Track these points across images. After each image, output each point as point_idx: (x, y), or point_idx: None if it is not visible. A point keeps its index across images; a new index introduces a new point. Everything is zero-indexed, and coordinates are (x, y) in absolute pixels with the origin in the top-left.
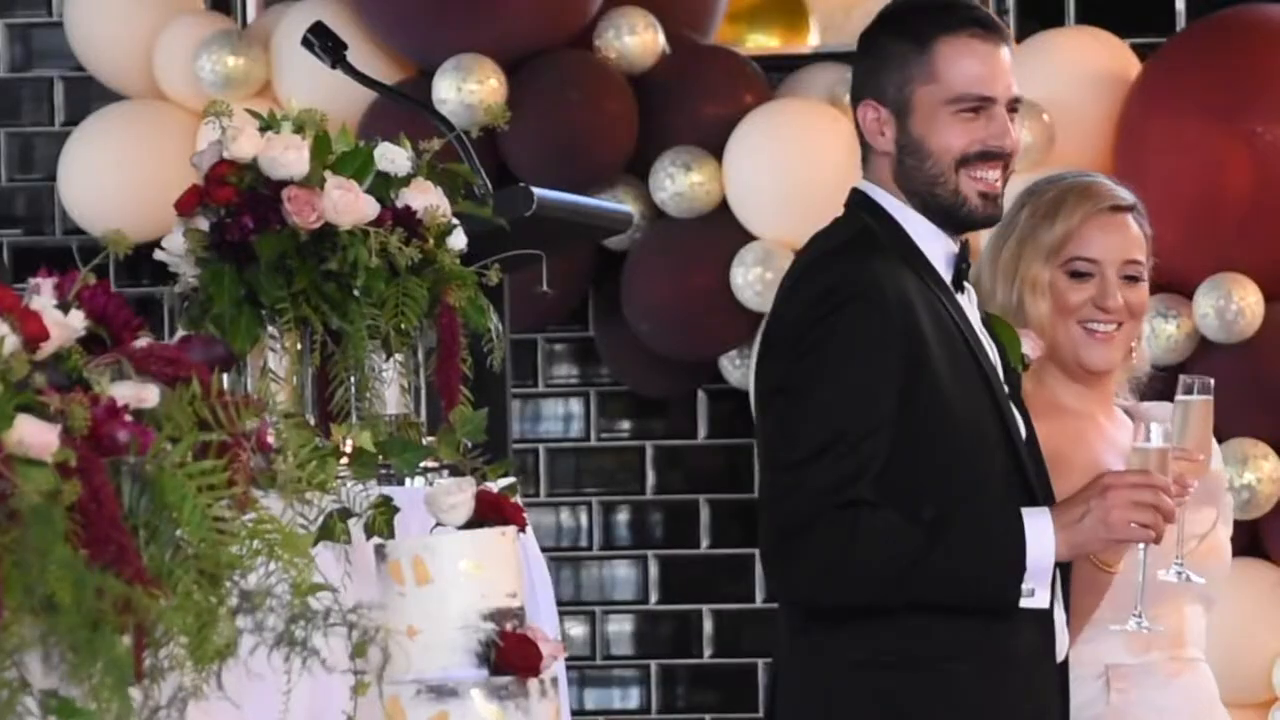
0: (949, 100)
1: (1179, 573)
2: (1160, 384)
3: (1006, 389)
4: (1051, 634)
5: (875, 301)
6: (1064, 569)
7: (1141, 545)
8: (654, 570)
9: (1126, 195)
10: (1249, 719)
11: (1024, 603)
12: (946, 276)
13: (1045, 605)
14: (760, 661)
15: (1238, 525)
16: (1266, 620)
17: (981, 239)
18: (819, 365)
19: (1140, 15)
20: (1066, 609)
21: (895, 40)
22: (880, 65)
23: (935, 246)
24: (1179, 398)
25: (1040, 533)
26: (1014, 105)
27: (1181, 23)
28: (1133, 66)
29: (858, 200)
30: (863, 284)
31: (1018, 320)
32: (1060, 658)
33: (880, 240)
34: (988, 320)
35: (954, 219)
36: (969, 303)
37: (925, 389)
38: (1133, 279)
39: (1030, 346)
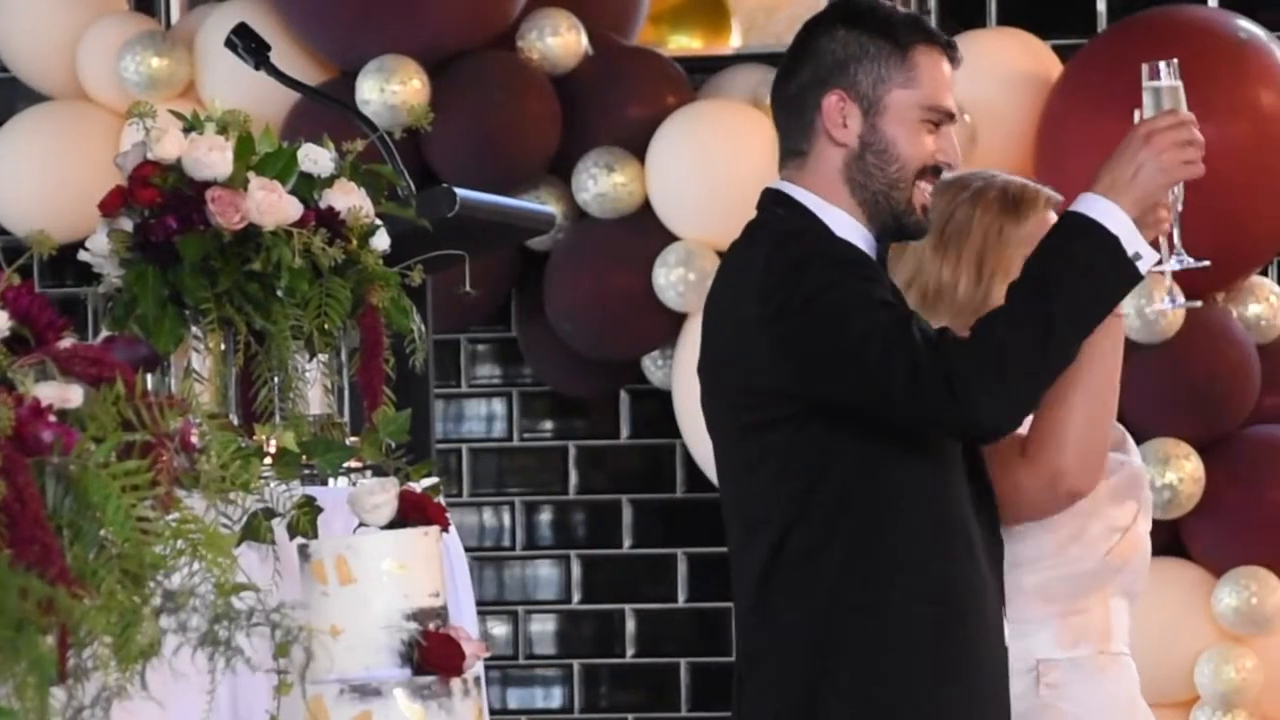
0: (923, 108)
1: (1179, 260)
2: None
3: None
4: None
5: (844, 254)
6: (999, 541)
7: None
8: (576, 570)
9: (1055, 193)
10: (1171, 718)
11: (1143, 266)
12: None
13: (1157, 258)
14: (682, 661)
15: (1159, 524)
16: (1188, 620)
17: None
18: (829, 301)
19: (1061, 16)
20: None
21: (872, 37)
22: (852, 58)
23: (857, 239)
24: (1146, 84)
25: (1102, 209)
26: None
27: (1103, 24)
28: (1054, 67)
29: (773, 199)
30: (824, 246)
31: (983, 308)
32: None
33: (808, 228)
34: None
35: (898, 225)
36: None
37: None
38: None
39: None
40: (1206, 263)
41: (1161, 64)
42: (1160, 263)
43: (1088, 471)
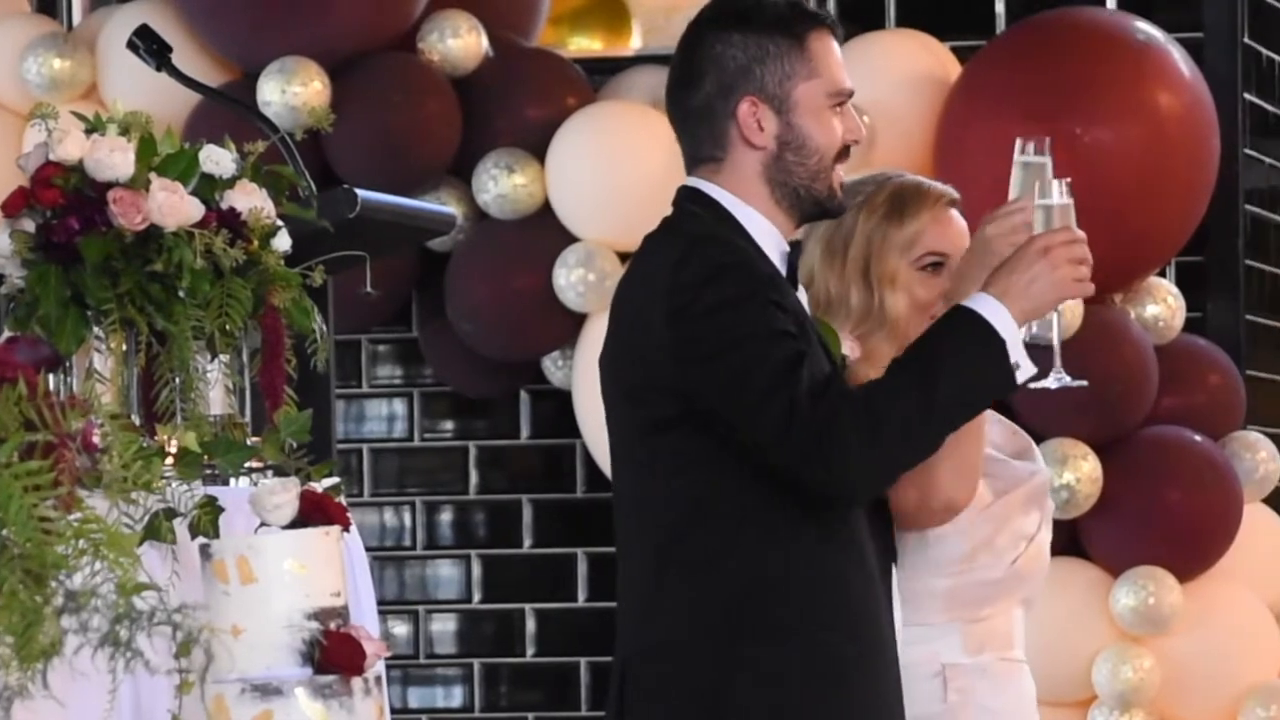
0: (829, 94)
1: (1058, 379)
2: None
3: None
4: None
5: (756, 270)
6: (892, 555)
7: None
8: (477, 570)
9: (952, 190)
10: (1069, 717)
11: (1020, 376)
12: (782, 272)
13: (1035, 371)
14: (582, 660)
15: (1057, 524)
16: (1085, 619)
17: None
18: (729, 320)
19: (960, 18)
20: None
21: (769, 35)
22: (755, 61)
23: (770, 244)
24: (1018, 158)
25: (993, 310)
26: None
27: (1001, 25)
28: (953, 69)
29: (690, 196)
30: (739, 257)
31: (879, 319)
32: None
33: (723, 233)
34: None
35: (821, 211)
36: (804, 300)
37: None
38: None
39: (849, 347)
40: (1083, 383)
41: (1031, 143)
42: (1037, 378)
43: (963, 482)
